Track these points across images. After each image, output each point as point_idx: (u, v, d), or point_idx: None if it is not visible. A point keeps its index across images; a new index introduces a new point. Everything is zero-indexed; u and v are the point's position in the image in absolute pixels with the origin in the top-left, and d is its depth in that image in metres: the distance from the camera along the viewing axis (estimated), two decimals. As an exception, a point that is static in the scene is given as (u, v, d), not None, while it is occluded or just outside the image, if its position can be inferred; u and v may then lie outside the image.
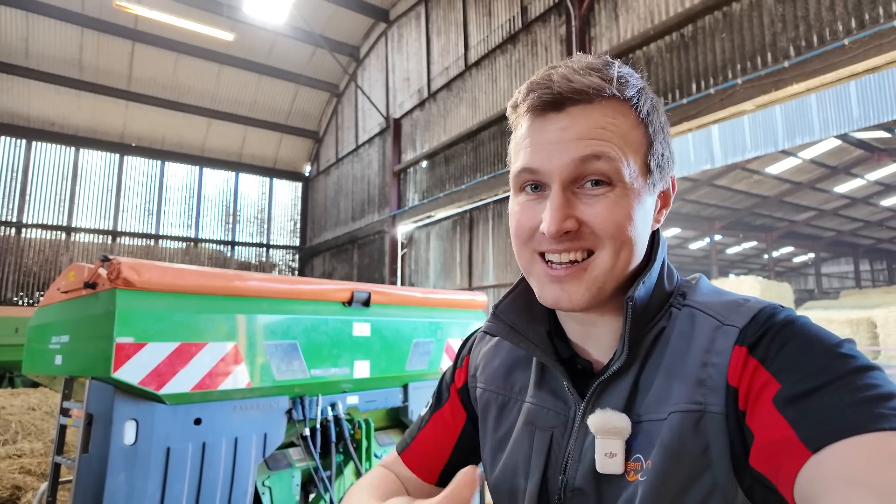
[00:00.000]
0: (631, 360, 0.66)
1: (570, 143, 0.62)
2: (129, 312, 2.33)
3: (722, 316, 0.63)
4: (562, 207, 0.62)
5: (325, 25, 15.04)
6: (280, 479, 2.91)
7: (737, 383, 0.57)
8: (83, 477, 2.29)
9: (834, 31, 5.57)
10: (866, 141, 17.00)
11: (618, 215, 0.62)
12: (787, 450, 0.50)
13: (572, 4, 8.53)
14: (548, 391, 0.74)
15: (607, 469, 0.63)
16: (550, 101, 0.63)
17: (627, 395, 0.65)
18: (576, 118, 0.63)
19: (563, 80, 0.62)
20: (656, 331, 0.66)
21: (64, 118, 15.66)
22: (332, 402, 3.10)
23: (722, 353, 0.60)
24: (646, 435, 0.62)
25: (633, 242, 0.64)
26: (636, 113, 0.65)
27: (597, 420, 0.64)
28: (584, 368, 0.72)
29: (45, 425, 6.36)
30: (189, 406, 2.51)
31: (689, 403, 0.59)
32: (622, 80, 0.64)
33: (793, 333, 0.57)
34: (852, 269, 32.35)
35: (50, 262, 15.34)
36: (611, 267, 0.63)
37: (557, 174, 0.62)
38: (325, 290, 3.16)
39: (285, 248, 19.43)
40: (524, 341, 0.72)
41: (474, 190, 10.68)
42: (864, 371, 0.51)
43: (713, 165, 10.62)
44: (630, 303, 0.63)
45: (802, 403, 0.51)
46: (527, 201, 0.67)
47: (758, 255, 31.34)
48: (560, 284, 0.64)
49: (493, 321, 0.76)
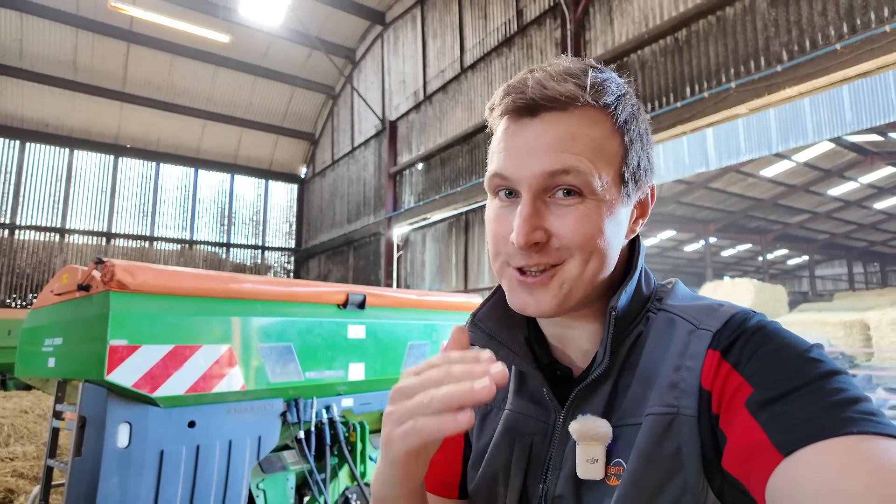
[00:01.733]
0: (610, 365, 0.66)
1: (540, 153, 0.61)
2: (122, 315, 2.33)
3: (696, 320, 0.64)
4: (530, 218, 0.61)
5: (321, 27, 15.05)
6: (274, 482, 2.90)
7: (710, 386, 0.58)
8: (76, 480, 2.28)
9: (826, 35, 5.62)
10: (859, 144, 17.10)
11: (587, 228, 0.61)
12: (759, 453, 0.51)
13: (567, 8, 8.57)
14: (527, 398, 0.74)
15: (589, 475, 0.63)
16: (524, 106, 0.62)
17: (607, 400, 0.65)
18: (549, 126, 0.62)
19: (537, 85, 0.61)
20: (634, 336, 0.67)
21: (58, 119, 15.60)
22: (327, 405, 3.10)
23: (695, 356, 0.60)
24: (625, 439, 0.62)
25: (604, 254, 0.64)
26: (613, 121, 0.63)
27: (579, 426, 0.64)
28: (564, 374, 0.72)
29: (37, 428, 6.32)
30: (183, 409, 2.50)
31: (663, 406, 0.60)
32: (600, 87, 0.63)
33: (765, 338, 0.58)
34: (846, 271, 32.52)
35: (43, 263, 15.27)
36: (578, 275, 0.63)
37: (527, 183, 0.62)
38: (320, 293, 3.16)
39: (280, 251, 19.39)
40: (503, 349, 0.72)
41: (470, 192, 10.69)
42: (832, 375, 0.52)
43: (707, 168, 10.66)
44: (613, 312, 0.64)
45: (774, 407, 0.52)
46: (500, 208, 0.66)
47: (752, 258, 31.47)
48: (528, 290, 0.64)
49: (470, 329, 0.75)
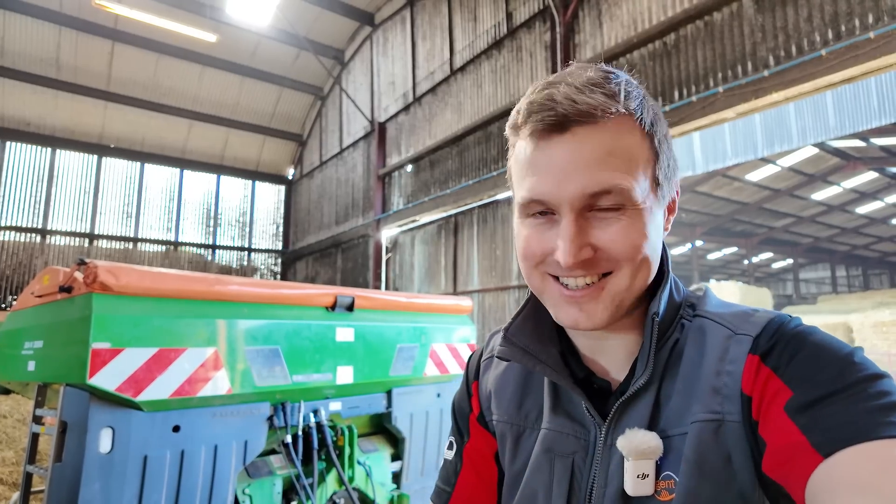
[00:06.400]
0: (651, 375, 0.65)
1: (578, 173, 0.59)
2: (105, 317, 2.28)
3: (734, 325, 0.63)
4: (576, 238, 0.59)
5: (309, 28, 14.98)
6: (261, 487, 2.86)
7: (750, 391, 0.57)
8: (56, 487, 2.23)
9: (812, 41, 5.69)
10: (842, 149, 17.41)
11: (633, 237, 0.60)
12: (798, 454, 0.50)
13: (557, 11, 8.61)
14: (564, 415, 0.71)
15: (639, 492, 0.60)
16: (554, 123, 0.59)
17: (651, 412, 0.63)
18: (582, 141, 0.59)
19: (566, 100, 0.58)
20: (671, 343, 0.66)
21: (40, 118, 15.34)
22: (315, 409, 3.06)
23: (736, 361, 0.59)
24: (672, 451, 0.60)
25: (651, 261, 0.63)
26: (640, 126, 0.62)
27: (628, 442, 0.61)
28: (601, 387, 0.70)
29: (16, 433, 6.19)
30: (167, 413, 2.46)
31: (707, 413, 0.58)
32: (625, 93, 0.61)
33: (805, 342, 0.57)
34: (829, 274, 33.05)
35: (24, 265, 14.98)
36: (628, 286, 0.62)
37: (568, 203, 0.60)
38: (307, 295, 3.13)
39: (267, 252, 19.24)
40: (539, 364, 0.70)
41: (459, 195, 10.69)
42: (874, 379, 0.51)
43: (694, 172, 10.77)
44: (655, 319, 0.63)
45: (814, 410, 0.51)
46: (536, 225, 0.64)
47: (738, 261, 31.85)
48: (578, 305, 0.62)
49: (504, 345, 0.73)
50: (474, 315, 9.93)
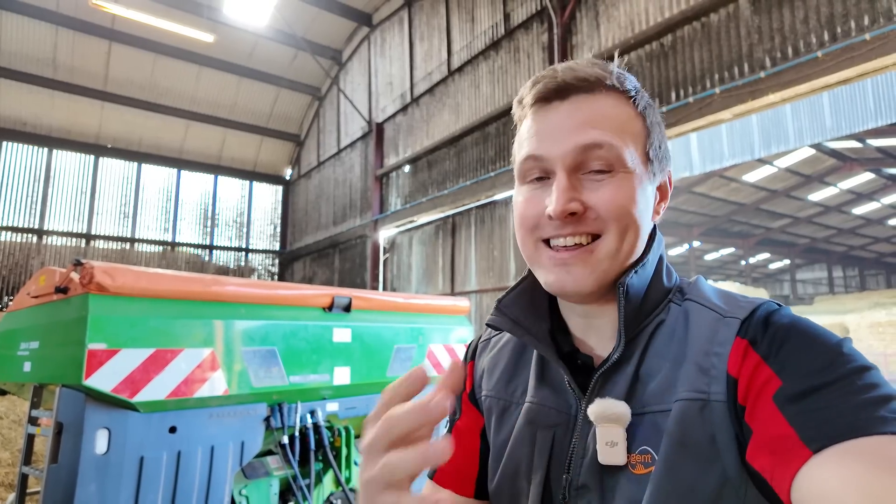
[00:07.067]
0: (631, 350, 0.67)
1: (573, 130, 0.64)
2: (102, 318, 2.27)
3: (723, 309, 0.64)
4: (567, 189, 0.63)
5: (307, 28, 14.97)
6: (257, 487, 2.86)
7: (736, 374, 0.58)
8: (52, 488, 2.22)
9: (808, 43, 5.71)
10: (839, 150, 17.46)
11: (622, 198, 0.64)
12: (786, 448, 0.50)
13: (554, 12, 8.62)
14: (548, 389, 0.74)
15: (609, 459, 0.62)
16: (555, 88, 0.66)
17: (629, 385, 0.65)
18: (579, 105, 0.66)
19: (567, 69, 0.66)
20: (655, 323, 0.67)
21: (37, 118, 15.30)
22: (312, 410, 3.05)
23: (724, 343, 0.60)
24: (653, 427, 0.61)
25: (638, 227, 0.65)
26: (634, 105, 0.68)
27: (595, 408, 0.64)
28: (585, 363, 0.72)
29: (12, 434, 6.17)
30: (164, 414, 2.45)
31: (693, 392, 0.59)
32: (621, 76, 0.68)
33: (794, 331, 0.57)
34: (826, 275, 33.14)
35: (20, 265, 14.94)
36: (616, 250, 0.64)
37: (561, 160, 0.64)
38: (305, 296, 3.12)
39: (265, 253, 19.21)
40: (527, 335, 0.73)
41: (457, 195, 10.69)
42: (863, 371, 0.51)
43: (692, 173, 10.80)
44: (622, 287, 0.64)
45: (803, 402, 0.51)
46: (532, 190, 0.68)
47: (735, 262, 31.91)
48: (566, 268, 0.65)
49: (496, 315, 0.76)
50: (472, 316, 9.93)
